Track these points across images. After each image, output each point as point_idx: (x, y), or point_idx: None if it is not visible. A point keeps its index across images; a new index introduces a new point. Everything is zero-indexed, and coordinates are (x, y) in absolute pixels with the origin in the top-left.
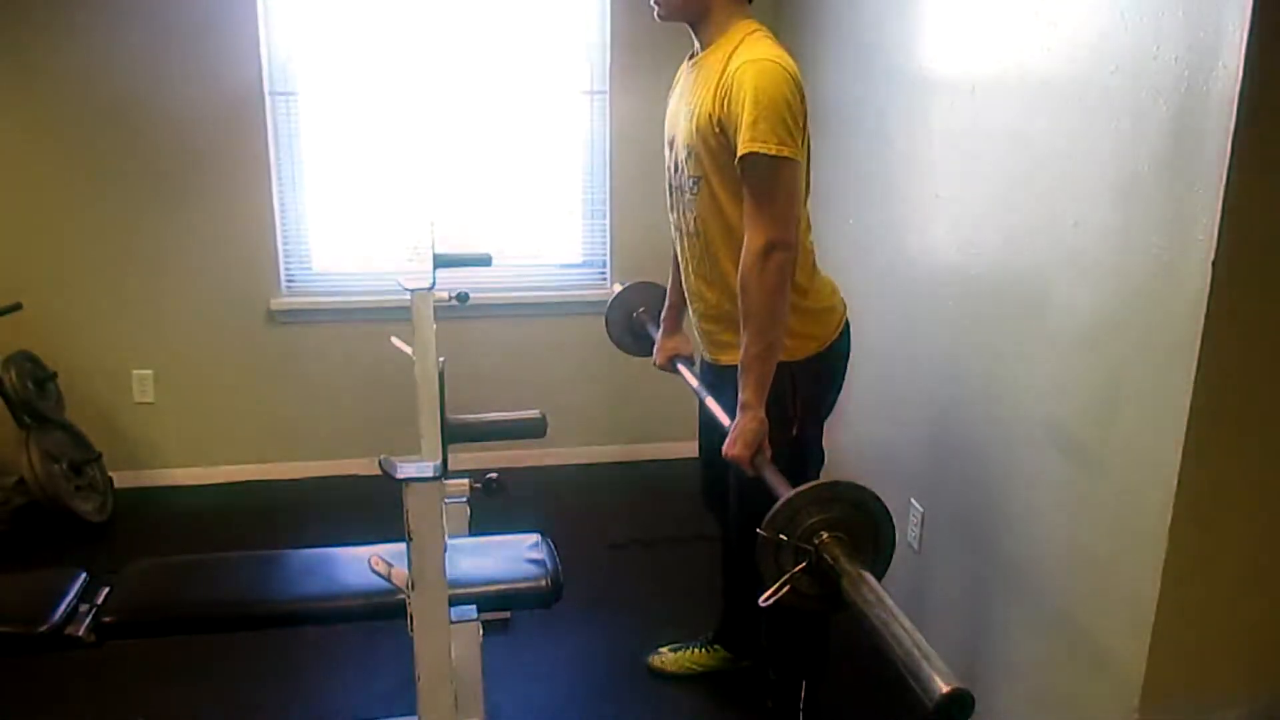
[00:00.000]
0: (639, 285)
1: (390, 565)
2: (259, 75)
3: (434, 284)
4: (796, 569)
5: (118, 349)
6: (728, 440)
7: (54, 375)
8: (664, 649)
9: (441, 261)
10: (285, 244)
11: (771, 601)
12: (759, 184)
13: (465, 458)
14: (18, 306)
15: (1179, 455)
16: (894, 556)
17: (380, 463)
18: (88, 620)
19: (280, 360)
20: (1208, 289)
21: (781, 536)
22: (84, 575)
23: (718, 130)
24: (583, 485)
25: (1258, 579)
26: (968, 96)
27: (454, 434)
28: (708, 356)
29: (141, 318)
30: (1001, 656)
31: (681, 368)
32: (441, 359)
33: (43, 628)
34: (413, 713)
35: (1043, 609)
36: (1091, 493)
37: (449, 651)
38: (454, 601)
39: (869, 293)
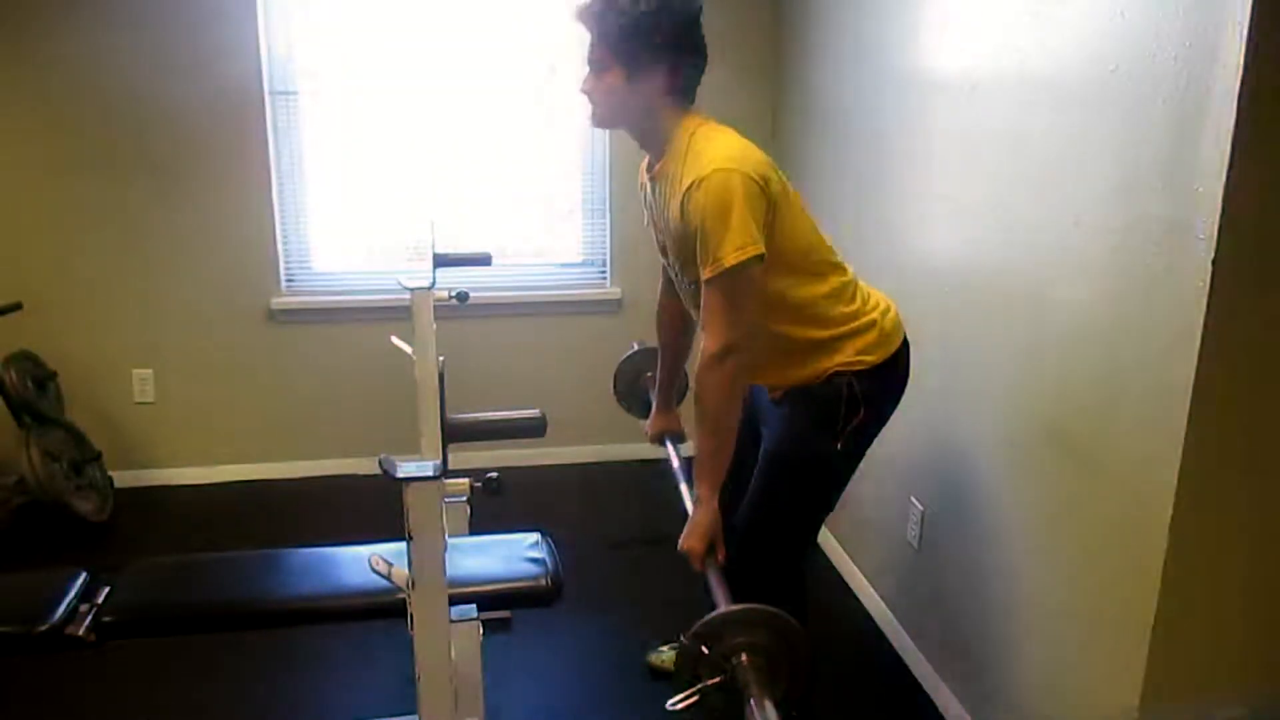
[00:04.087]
0: (652, 350)
1: (390, 565)
2: (259, 74)
3: (434, 283)
4: (710, 682)
5: (118, 349)
6: (684, 533)
7: (54, 375)
8: (664, 648)
9: (441, 261)
10: (285, 243)
11: (680, 708)
12: (720, 295)
13: (465, 457)
14: (18, 306)
15: (1179, 455)
16: (895, 556)
17: (380, 462)
18: (88, 620)
19: (280, 360)
20: (1208, 289)
21: (703, 648)
22: (84, 575)
23: (697, 248)
24: (583, 485)
25: (1258, 579)
26: (967, 96)
27: (454, 433)
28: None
29: (141, 317)
30: (1001, 655)
31: (669, 445)
32: (441, 358)
33: (43, 628)
34: (413, 713)
35: (1042, 608)
36: (1091, 492)
37: (449, 651)
38: (454, 601)
39: None
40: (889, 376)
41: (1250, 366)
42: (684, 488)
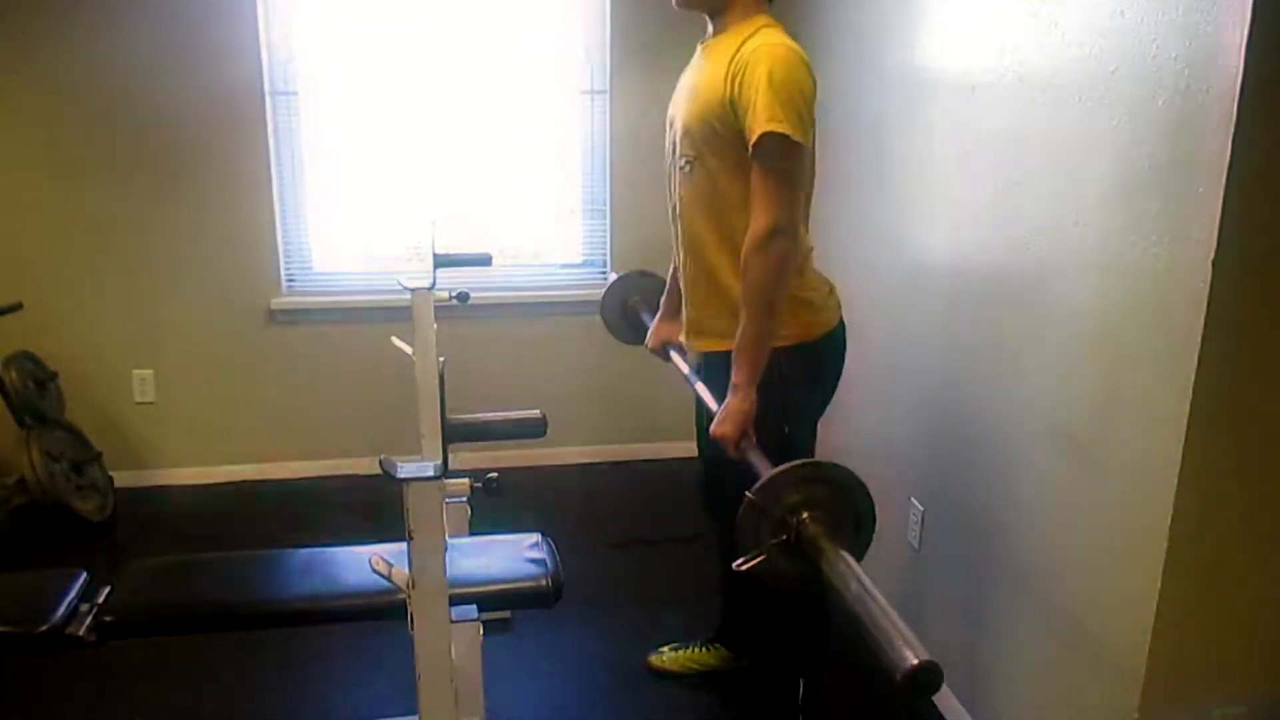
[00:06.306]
0: (634, 275)
1: (391, 565)
2: (259, 75)
3: (434, 284)
4: (774, 541)
5: (118, 349)
6: (716, 419)
7: (55, 375)
8: (664, 648)
9: (441, 261)
10: (285, 243)
11: (746, 569)
12: (770, 167)
13: (465, 457)
14: (18, 306)
15: (1179, 455)
16: (894, 556)
17: (381, 462)
18: (88, 620)
19: (281, 360)
20: (1208, 289)
21: (763, 510)
22: (84, 575)
23: (728, 109)
24: (583, 485)
25: (1258, 579)
26: (968, 96)
27: (454, 434)
28: (693, 344)
29: (142, 318)
30: (1001, 656)
31: (674, 354)
32: (441, 359)
33: (43, 627)
34: (413, 713)
35: (1043, 608)
36: (1091, 492)
37: (449, 651)
38: (454, 601)
39: (869, 292)
40: (820, 354)
41: (1250, 366)
42: (700, 387)
